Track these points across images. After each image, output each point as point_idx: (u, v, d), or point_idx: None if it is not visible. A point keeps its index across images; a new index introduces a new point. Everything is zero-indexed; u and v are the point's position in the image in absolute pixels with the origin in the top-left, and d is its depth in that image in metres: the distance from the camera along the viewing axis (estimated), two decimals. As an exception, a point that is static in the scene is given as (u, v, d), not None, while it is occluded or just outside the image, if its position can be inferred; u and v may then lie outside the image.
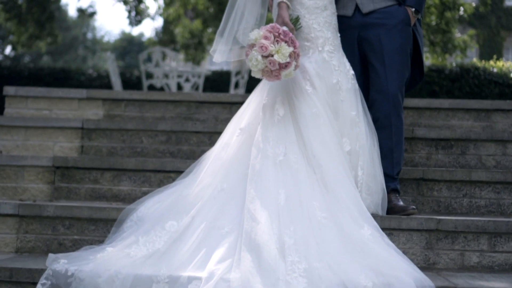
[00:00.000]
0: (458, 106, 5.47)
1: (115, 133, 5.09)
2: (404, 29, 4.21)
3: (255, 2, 4.19)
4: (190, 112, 5.57)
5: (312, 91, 3.99)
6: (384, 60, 4.18)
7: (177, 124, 5.07)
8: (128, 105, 5.59)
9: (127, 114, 5.57)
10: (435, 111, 5.49)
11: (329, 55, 4.07)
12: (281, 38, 3.86)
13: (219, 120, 5.55)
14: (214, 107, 5.58)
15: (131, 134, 5.10)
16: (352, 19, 4.25)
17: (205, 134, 5.07)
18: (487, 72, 13.21)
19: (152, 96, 5.58)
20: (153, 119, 5.55)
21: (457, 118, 5.48)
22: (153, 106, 5.58)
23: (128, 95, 5.58)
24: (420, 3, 4.24)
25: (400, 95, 4.22)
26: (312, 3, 4.08)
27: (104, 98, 5.57)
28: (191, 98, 5.56)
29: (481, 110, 5.47)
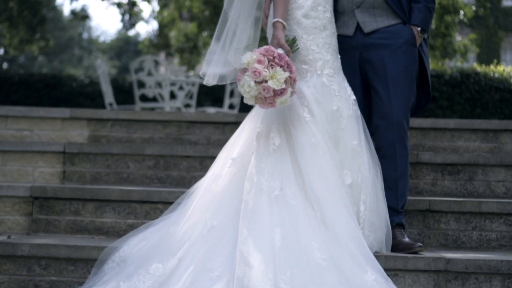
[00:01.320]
0: (464, 126, 5.16)
1: (99, 157, 4.76)
2: (409, 50, 3.89)
3: (247, 20, 3.87)
4: (181, 132, 5.24)
5: (310, 119, 3.67)
6: (388, 84, 3.86)
7: (166, 148, 4.74)
8: (115, 125, 5.26)
9: (113, 135, 5.24)
10: (440, 131, 5.17)
11: (329, 79, 3.75)
12: (276, 62, 3.54)
13: (211, 141, 5.22)
14: (205, 127, 5.25)
15: (117, 159, 4.77)
16: (353, 39, 3.93)
17: (196, 158, 4.75)
18: (488, 78, 12.92)
19: (140, 116, 5.25)
20: (141, 140, 5.22)
21: (463, 139, 5.17)
22: (141, 126, 5.25)
23: (115, 114, 5.25)
24: (427, 22, 3.92)
25: (405, 121, 3.89)
26: (310, 23, 3.76)
27: (89, 117, 5.25)
28: (181, 118, 5.23)
29: (489, 131, 5.16)
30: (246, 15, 3.86)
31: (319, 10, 3.79)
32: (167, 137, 5.23)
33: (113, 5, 16.85)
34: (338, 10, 3.96)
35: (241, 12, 3.86)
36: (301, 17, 3.77)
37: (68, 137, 5.22)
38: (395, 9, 3.88)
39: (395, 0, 3.89)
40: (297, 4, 3.77)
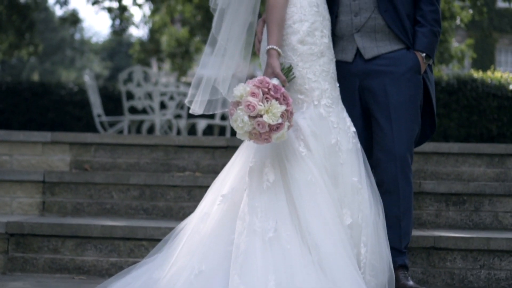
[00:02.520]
0: (469, 150, 4.87)
1: (81, 187, 4.46)
2: (413, 78, 3.60)
3: (237, 44, 3.58)
4: (168, 157, 4.94)
5: (306, 154, 3.38)
6: (390, 114, 3.57)
7: (152, 177, 4.44)
8: (98, 149, 4.95)
9: (97, 160, 4.94)
10: (443, 156, 4.88)
11: (327, 110, 3.46)
12: (272, 95, 3.25)
13: (201, 166, 4.92)
14: (195, 152, 4.96)
15: (100, 189, 4.46)
16: (352, 66, 3.64)
17: (184, 188, 4.45)
18: (485, 84, 12.67)
19: (125, 140, 4.94)
20: (127, 165, 4.92)
21: (467, 164, 4.88)
22: (127, 150, 4.94)
23: (98, 138, 4.95)
24: (432, 47, 3.63)
25: (409, 154, 3.60)
26: (306, 49, 3.46)
27: (71, 142, 4.94)
28: (169, 142, 4.93)
29: (495, 155, 4.87)
30: (236, 40, 3.58)
31: (316, 36, 3.50)
32: (153, 162, 4.93)
33: (103, 9, 16.52)
34: (336, 34, 3.67)
35: (230, 35, 3.58)
36: (297, 43, 3.48)
37: (49, 162, 4.92)
38: (398, 33, 3.60)
39: (398, 24, 3.61)
40: (292, 29, 3.49)
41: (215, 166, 4.91)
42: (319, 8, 3.54)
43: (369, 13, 3.61)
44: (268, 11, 3.46)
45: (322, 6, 3.56)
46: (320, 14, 3.54)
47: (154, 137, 4.99)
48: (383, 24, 3.61)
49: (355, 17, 3.63)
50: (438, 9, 3.65)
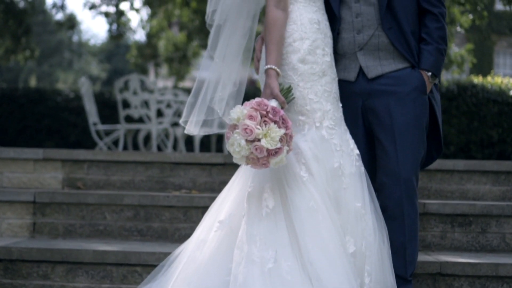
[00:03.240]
0: (474, 168, 4.72)
1: (73, 207, 4.30)
2: (419, 98, 3.45)
3: (234, 63, 3.43)
4: (164, 175, 4.78)
5: (308, 178, 3.23)
6: (395, 136, 3.41)
7: (146, 198, 4.28)
8: (92, 166, 4.79)
9: (90, 178, 4.78)
10: (447, 173, 4.73)
11: (329, 132, 3.30)
12: (270, 118, 3.10)
13: (197, 184, 4.76)
14: (191, 169, 4.80)
15: (92, 209, 4.30)
16: (355, 85, 3.48)
17: (180, 209, 4.29)
18: (485, 90, 12.52)
19: (119, 157, 4.78)
20: (121, 183, 4.76)
21: (472, 181, 4.73)
22: (121, 168, 4.78)
23: (92, 155, 4.79)
24: (438, 66, 3.47)
25: (415, 178, 3.45)
26: (307, 69, 3.31)
27: (64, 159, 4.78)
28: (164, 159, 4.77)
29: (501, 173, 4.72)
30: (232, 58, 3.43)
31: (318, 54, 3.35)
32: (148, 180, 4.77)
33: (100, 14, 16.35)
34: (338, 52, 3.51)
35: (227, 53, 3.43)
36: (297, 62, 3.32)
37: (41, 180, 4.76)
38: (402, 51, 3.44)
39: (403, 42, 3.45)
40: (292, 47, 3.33)
41: (212, 184, 4.75)
42: (320, 25, 3.39)
43: (372, 30, 3.46)
44: (266, 29, 3.31)
45: (324, 23, 3.41)
46: (322, 32, 3.38)
47: (149, 154, 4.83)
48: (387, 42, 3.45)
49: (358, 35, 3.47)
50: (444, 26, 3.50)
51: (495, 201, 4.64)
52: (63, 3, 16.04)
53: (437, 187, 4.70)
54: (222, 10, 3.47)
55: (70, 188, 4.74)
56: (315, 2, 3.41)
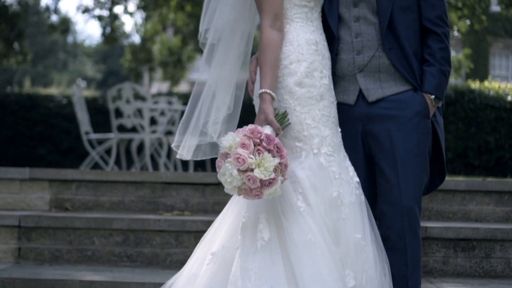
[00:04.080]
0: (476, 188, 4.55)
1: (59, 232, 4.13)
2: (421, 123, 3.27)
3: (229, 85, 3.26)
4: (155, 195, 4.61)
5: (305, 209, 3.05)
6: (397, 163, 3.23)
7: (136, 222, 4.10)
8: (80, 187, 4.62)
9: (78, 198, 4.60)
10: (449, 193, 4.57)
11: (328, 159, 3.12)
12: (264, 147, 2.92)
13: (190, 204, 4.59)
14: (183, 189, 4.62)
15: (80, 234, 4.13)
16: (354, 109, 3.30)
17: (171, 233, 4.12)
18: (483, 96, 12.41)
19: (109, 177, 4.61)
20: (110, 203, 4.58)
21: (475, 202, 4.56)
22: (110, 188, 4.61)
23: (80, 175, 4.61)
24: (442, 89, 3.30)
25: (417, 207, 3.27)
26: (304, 92, 3.13)
27: (51, 179, 4.60)
28: (156, 179, 4.60)
29: (504, 193, 4.56)
30: (227, 81, 3.26)
31: (315, 77, 3.17)
32: (139, 201, 4.60)
33: (94, 18, 16.18)
34: (337, 74, 3.34)
35: (221, 75, 3.26)
36: (294, 86, 3.14)
37: (27, 201, 4.58)
38: (404, 73, 3.26)
39: (404, 63, 3.27)
40: (288, 70, 3.15)
41: (206, 205, 4.59)
42: (318, 46, 3.21)
43: (372, 51, 3.28)
44: (261, 51, 3.13)
45: (322, 44, 3.24)
46: (320, 53, 3.21)
47: (140, 173, 4.65)
48: (388, 64, 3.28)
49: (357, 56, 3.30)
50: (448, 47, 3.33)
51: (498, 222, 4.48)
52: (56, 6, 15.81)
53: (438, 208, 4.54)
54: (215, 29, 3.30)
55: (58, 209, 4.57)
56: (313, 22, 3.24)
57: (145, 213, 4.50)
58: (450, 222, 4.36)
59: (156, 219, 4.11)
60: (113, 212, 4.51)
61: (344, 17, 3.32)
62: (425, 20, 3.31)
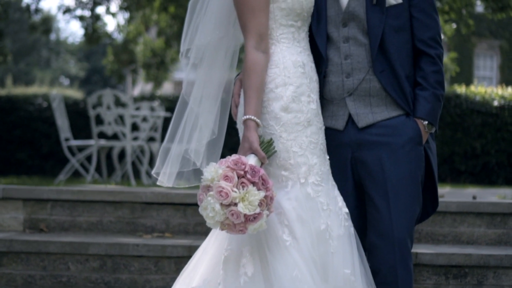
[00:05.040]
0: (468, 209, 4.40)
1: (33, 257, 3.92)
2: (414, 150, 3.10)
3: (212, 109, 3.08)
4: (134, 215, 4.41)
5: (291, 243, 2.88)
6: (388, 193, 3.07)
7: (114, 247, 3.91)
8: (56, 206, 4.41)
9: (54, 219, 4.40)
10: (439, 215, 4.41)
11: (315, 190, 2.95)
12: (248, 179, 2.75)
13: (171, 226, 4.40)
14: (164, 209, 4.43)
15: (54, 259, 3.93)
16: (343, 135, 3.13)
17: (150, 259, 3.93)
18: (469, 101, 12.32)
19: (86, 196, 4.41)
20: (87, 224, 4.38)
21: (466, 224, 4.41)
22: (88, 208, 4.41)
23: (56, 194, 4.40)
24: (435, 114, 3.13)
25: (409, 239, 3.10)
26: (291, 118, 2.96)
27: (25, 198, 4.40)
28: (135, 199, 4.40)
29: (496, 214, 4.40)
30: (210, 102, 3.08)
31: (303, 101, 3.00)
32: (118, 221, 4.40)
33: (75, 18, 15.92)
34: (325, 97, 3.16)
35: (204, 95, 3.09)
36: (280, 111, 2.97)
37: (0, 221, 4.37)
38: (396, 97, 3.10)
39: (396, 87, 3.11)
40: (274, 94, 2.98)
41: (187, 226, 4.40)
42: (305, 68, 3.04)
43: (363, 74, 3.11)
44: (245, 73, 2.95)
45: (309, 66, 3.07)
46: (307, 76, 3.04)
47: (119, 193, 4.45)
48: (379, 87, 3.11)
49: (347, 79, 3.12)
50: (441, 70, 3.16)
51: (490, 245, 4.33)
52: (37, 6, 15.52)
53: (428, 230, 4.38)
54: (197, 48, 3.12)
55: (32, 230, 4.37)
56: (300, 42, 3.07)
57: (124, 234, 4.30)
58: (441, 246, 4.20)
59: (134, 244, 3.92)
60: (90, 233, 4.31)
61: (333, 37, 3.15)
62: (418, 41, 3.15)
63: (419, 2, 3.14)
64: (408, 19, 3.14)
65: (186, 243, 3.96)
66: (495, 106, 12.04)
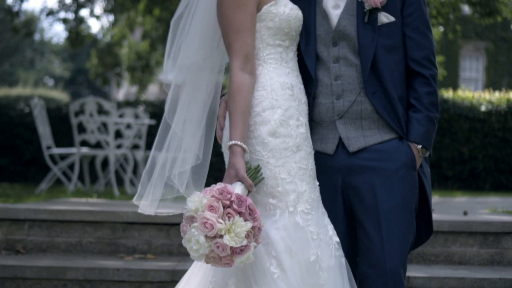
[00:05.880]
0: (460, 228, 4.27)
1: (8, 282, 3.75)
2: (408, 175, 2.96)
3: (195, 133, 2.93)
4: (115, 236, 4.25)
5: (279, 275, 2.73)
6: (380, 221, 2.92)
7: (93, 272, 3.74)
8: (33, 226, 4.24)
9: (31, 239, 4.23)
10: (431, 234, 4.26)
11: (305, 218, 2.81)
12: (234, 209, 2.61)
13: (153, 246, 4.24)
14: (146, 229, 4.27)
15: (31, 284, 3.76)
16: (334, 159, 2.98)
17: (132, 284, 3.77)
18: (457, 106, 12.23)
19: (64, 216, 4.24)
20: (66, 245, 4.22)
21: (458, 243, 4.28)
22: (66, 228, 4.24)
23: (33, 214, 4.23)
24: (429, 138, 2.99)
25: (402, 269, 2.96)
26: (279, 143, 2.81)
27: (1, 218, 4.22)
28: (116, 219, 4.24)
29: (489, 234, 4.28)
30: (194, 125, 2.93)
31: (291, 125, 2.85)
32: (98, 242, 4.23)
33: (58, 21, 15.69)
34: (315, 119, 3.01)
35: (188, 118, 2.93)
36: (267, 136, 2.82)
37: (-25, 242, 4.20)
38: (388, 120, 2.95)
39: (389, 109, 2.96)
40: (261, 117, 2.83)
41: (170, 247, 4.24)
42: (294, 90, 2.89)
43: (354, 95, 2.96)
44: (230, 96, 2.80)
45: (298, 87, 2.92)
46: (295, 98, 2.89)
47: (99, 212, 4.28)
48: (370, 109, 2.96)
49: (337, 100, 2.98)
50: (436, 91, 3.02)
51: (483, 265, 4.21)
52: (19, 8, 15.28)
53: (420, 250, 4.25)
54: (180, 68, 2.96)
55: (8, 251, 4.19)
56: (288, 63, 2.92)
57: (104, 256, 4.14)
58: (433, 268, 4.07)
59: (115, 268, 3.76)
60: (69, 255, 4.14)
61: (322, 56, 3.00)
62: (411, 61, 3.01)
63: (413, 20, 3.00)
64: (401, 38, 3.00)
65: (169, 266, 3.80)
66: (483, 111, 11.96)
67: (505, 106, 11.91)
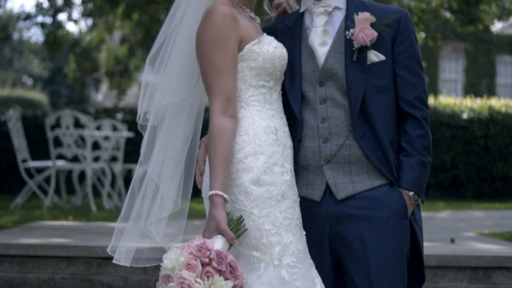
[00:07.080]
0: (449, 263, 4.13)
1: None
2: (399, 225, 2.80)
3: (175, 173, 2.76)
4: (90, 272, 4.06)
5: (263, 335, 2.56)
6: (370, 274, 2.76)
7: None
8: (4, 262, 4.04)
9: (1, 275, 4.02)
10: (419, 269, 4.11)
11: (290, 272, 2.64)
12: (214, 267, 2.44)
13: (129, 283, 4.05)
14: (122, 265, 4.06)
15: (0, 329, 3.56)
16: (320, 206, 2.81)
17: (107, 328, 3.57)
18: (438, 113, 12.13)
19: (37, 252, 4.04)
20: (39, 281, 4.01)
21: (447, 278, 4.13)
22: (39, 264, 4.05)
23: (3, 249, 4.02)
24: (421, 183, 2.83)
25: (393, 323, 2.80)
26: (263, 192, 2.64)
27: (-31, 253, 4.01)
28: (91, 254, 4.05)
29: (479, 268, 4.14)
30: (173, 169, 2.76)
31: (276, 172, 2.67)
32: (72, 278, 4.04)
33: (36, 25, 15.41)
34: (300, 163, 2.84)
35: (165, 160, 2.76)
36: (250, 184, 2.64)
37: None
38: (378, 165, 2.79)
39: (379, 153, 2.80)
40: (243, 165, 2.65)
41: (148, 282, 4.06)
42: (278, 135, 2.71)
43: (342, 139, 2.79)
44: (210, 142, 2.62)
45: (282, 131, 2.74)
46: (280, 143, 2.71)
47: (73, 247, 4.09)
48: (359, 154, 2.79)
49: (324, 144, 2.80)
50: (428, 134, 2.87)
51: (473, 301, 4.06)
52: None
53: (407, 285, 4.09)
54: (156, 109, 2.78)
55: (-23, 289, 3.99)
56: (272, 104, 2.75)
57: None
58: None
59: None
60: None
61: (308, 97, 2.83)
62: (403, 102, 2.85)
63: (405, 59, 2.84)
64: (391, 77, 2.84)
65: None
66: (464, 119, 11.89)
67: (487, 113, 11.84)
